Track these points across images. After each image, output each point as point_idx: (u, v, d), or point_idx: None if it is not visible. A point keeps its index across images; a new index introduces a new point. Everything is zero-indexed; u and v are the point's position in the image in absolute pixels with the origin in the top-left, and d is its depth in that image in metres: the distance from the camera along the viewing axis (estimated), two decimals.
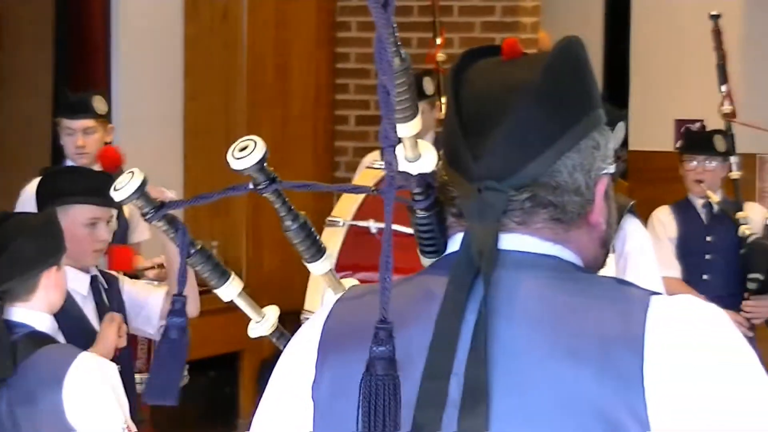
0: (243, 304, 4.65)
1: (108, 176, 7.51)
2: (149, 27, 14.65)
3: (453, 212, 2.83)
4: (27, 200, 9.33)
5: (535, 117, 2.76)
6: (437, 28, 12.38)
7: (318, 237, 4.36)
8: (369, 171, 6.87)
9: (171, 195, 6.54)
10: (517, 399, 2.63)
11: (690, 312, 2.67)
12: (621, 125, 7.03)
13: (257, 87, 14.15)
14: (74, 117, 10.32)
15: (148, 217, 4.46)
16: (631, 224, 6.64)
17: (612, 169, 2.87)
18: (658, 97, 14.64)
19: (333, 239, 6.57)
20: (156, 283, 9.24)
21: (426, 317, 2.68)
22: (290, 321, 4.32)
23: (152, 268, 9.65)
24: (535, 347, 2.66)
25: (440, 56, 11.15)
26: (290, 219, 4.31)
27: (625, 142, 13.10)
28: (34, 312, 6.37)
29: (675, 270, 9.33)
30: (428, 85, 9.31)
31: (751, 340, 8.40)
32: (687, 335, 2.63)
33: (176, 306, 4.41)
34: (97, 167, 8.11)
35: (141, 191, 4.20)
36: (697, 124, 9.99)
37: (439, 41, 11.95)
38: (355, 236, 6.61)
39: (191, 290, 6.29)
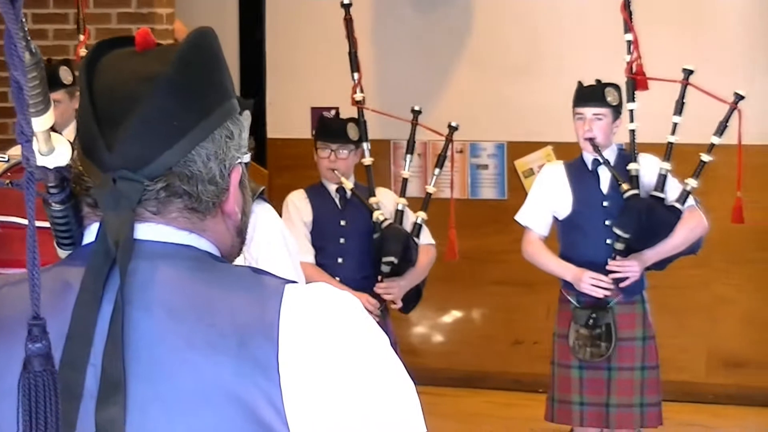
0: None
1: None
2: None
3: (88, 202, 2.76)
4: None
5: (168, 107, 2.74)
6: (81, 23, 11.89)
7: None
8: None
9: None
10: (155, 389, 2.60)
11: (323, 300, 2.72)
12: (246, 114, 6.90)
13: None
14: None
15: None
16: (262, 210, 6.48)
17: (247, 158, 2.94)
18: (295, 85, 14.46)
19: None
20: None
21: (63, 308, 2.60)
22: None
23: None
24: (173, 337, 2.64)
25: (83, 51, 10.60)
26: None
27: (253, 131, 13.26)
28: None
29: (309, 255, 9.25)
30: (66, 74, 9.13)
31: (384, 318, 9.55)
32: (320, 322, 2.67)
33: None
34: None
35: None
36: (332, 112, 9.87)
37: (82, 37, 11.55)
38: None
39: None
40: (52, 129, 3.08)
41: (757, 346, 13.09)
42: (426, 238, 9.68)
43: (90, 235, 2.76)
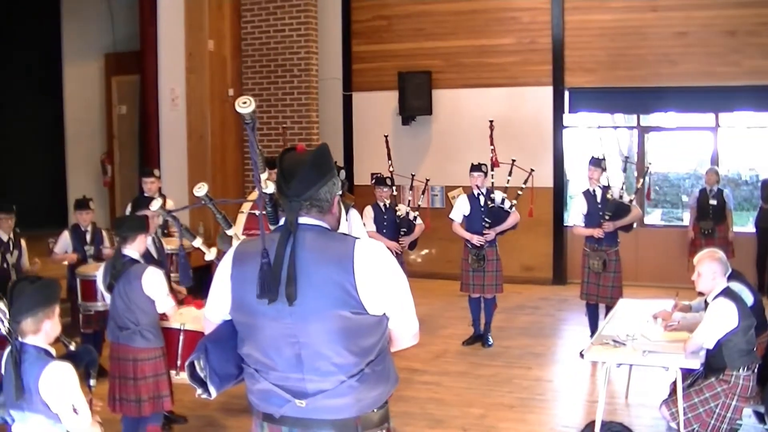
0: (203, 247, 5.18)
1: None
2: None
3: (281, 209, 2.92)
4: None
5: (309, 173, 2.83)
6: (285, 139, 12.32)
7: (230, 220, 4.79)
8: (251, 201, 7.11)
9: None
10: (306, 279, 2.74)
11: (371, 244, 2.85)
12: (342, 173, 7.15)
13: (202, 156, 12.40)
14: None
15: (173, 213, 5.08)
16: (352, 213, 6.39)
17: (340, 191, 3.02)
18: (364, 166, 13.80)
19: (241, 218, 6.94)
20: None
21: (272, 247, 2.78)
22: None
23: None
24: (313, 260, 2.77)
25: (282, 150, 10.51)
26: (218, 214, 4.81)
27: (351, 181, 13.14)
28: (133, 250, 5.95)
29: (372, 229, 9.02)
30: (272, 162, 9.26)
31: (398, 256, 8.91)
32: (369, 253, 2.80)
33: (180, 251, 4.79)
34: None
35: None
36: (380, 174, 9.93)
37: (282, 142, 11.83)
38: (249, 217, 6.89)
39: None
40: (269, 180, 3.31)
41: (537, 261, 13.09)
42: (419, 221, 9.53)
43: (281, 221, 2.87)
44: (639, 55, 12.59)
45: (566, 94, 13.08)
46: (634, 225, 9.42)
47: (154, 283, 5.82)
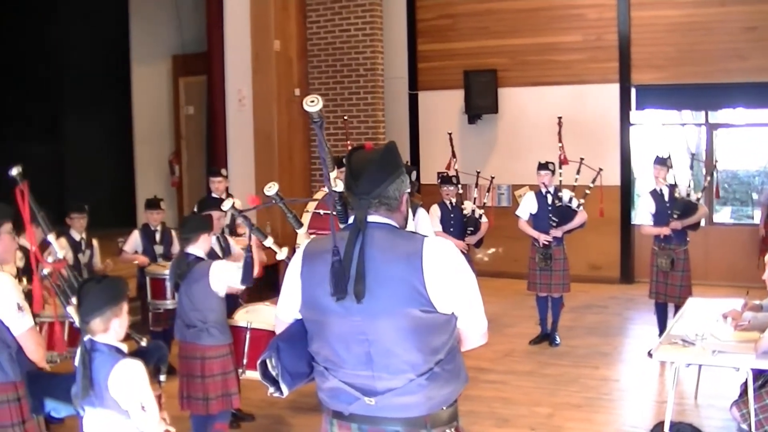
0: (275, 246, 5.34)
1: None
2: None
3: (350, 207, 2.92)
4: None
5: (377, 171, 2.85)
6: (348, 138, 12.21)
7: (300, 220, 4.90)
8: (316, 200, 7.07)
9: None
10: (374, 276, 2.75)
11: (440, 242, 2.86)
12: (413, 173, 7.18)
13: (268, 156, 12.65)
14: None
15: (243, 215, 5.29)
16: (420, 212, 6.56)
17: (408, 189, 3.00)
18: (429, 165, 13.73)
19: (306, 217, 6.87)
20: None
21: (341, 246, 2.79)
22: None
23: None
24: (381, 258, 2.78)
25: (349, 148, 10.43)
26: (289, 214, 4.86)
27: (417, 178, 13.12)
28: (198, 249, 5.96)
29: (438, 228, 8.96)
30: (340, 161, 9.32)
31: (466, 255, 8.59)
32: (438, 251, 2.81)
33: (247, 252, 4.82)
34: None
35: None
36: (446, 173, 9.94)
37: (349, 143, 11.65)
38: (314, 216, 6.82)
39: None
40: (337, 178, 3.40)
41: (604, 259, 13.08)
42: (484, 219, 9.53)
43: (350, 219, 2.89)
44: (707, 51, 12.47)
45: (633, 91, 13.03)
46: (701, 223, 9.38)
47: (221, 271, 5.79)
